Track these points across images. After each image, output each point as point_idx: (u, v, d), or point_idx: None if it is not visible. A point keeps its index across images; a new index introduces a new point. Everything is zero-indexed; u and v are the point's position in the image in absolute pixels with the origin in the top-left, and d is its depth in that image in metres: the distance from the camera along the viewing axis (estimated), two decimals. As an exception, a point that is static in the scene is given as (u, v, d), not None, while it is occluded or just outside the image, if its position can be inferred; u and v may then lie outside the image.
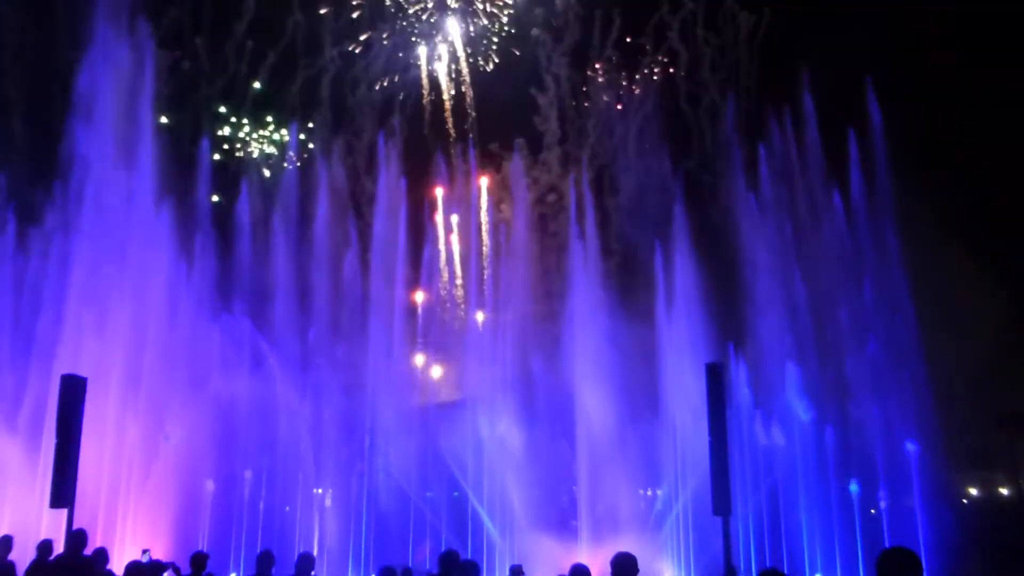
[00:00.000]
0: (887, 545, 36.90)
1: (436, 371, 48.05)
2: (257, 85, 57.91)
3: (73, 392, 23.19)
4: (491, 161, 58.33)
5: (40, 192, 37.00)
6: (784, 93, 45.04)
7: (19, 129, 49.67)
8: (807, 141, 43.75)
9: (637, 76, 58.63)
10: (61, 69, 43.91)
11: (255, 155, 58.67)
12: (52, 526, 23.63)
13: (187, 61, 56.07)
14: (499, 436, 37.11)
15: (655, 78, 58.91)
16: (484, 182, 57.44)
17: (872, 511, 38.33)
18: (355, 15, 59.85)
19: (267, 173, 55.68)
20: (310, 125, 58.45)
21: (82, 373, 24.50)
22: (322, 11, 58.82)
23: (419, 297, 48.99)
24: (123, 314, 32.61)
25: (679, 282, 40.05)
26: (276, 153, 59.03)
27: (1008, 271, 44.53)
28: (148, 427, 31.91)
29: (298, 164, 52.81)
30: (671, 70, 59.04)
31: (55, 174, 36.19)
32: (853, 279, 40.92)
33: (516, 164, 50.43)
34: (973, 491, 54.21)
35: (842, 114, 43.67)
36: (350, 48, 60.36)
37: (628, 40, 59.55)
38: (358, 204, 49.78)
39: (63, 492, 22.45)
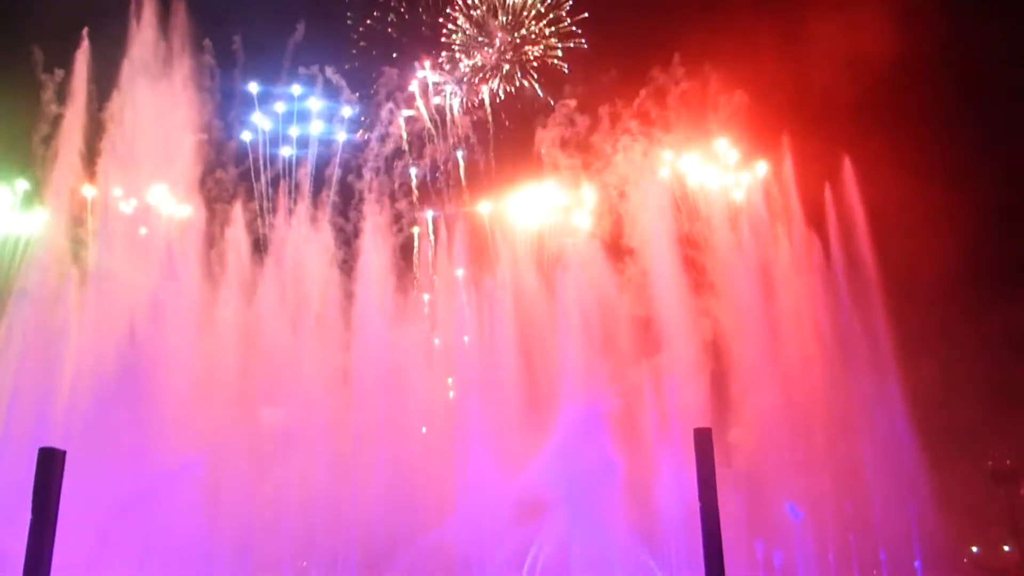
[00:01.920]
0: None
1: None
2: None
3: (51, 466, 21.51)
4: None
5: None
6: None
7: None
8: (791, 217, 43.31)
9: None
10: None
11: None
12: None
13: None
14: None
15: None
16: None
17: (873, 573, 36.51)
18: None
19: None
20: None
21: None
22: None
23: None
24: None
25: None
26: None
27: (994, 325, 43.10)
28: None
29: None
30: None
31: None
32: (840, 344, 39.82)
33: None
34: (974, 549, 51.58)
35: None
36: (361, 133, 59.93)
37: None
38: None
39: (38, 573, 20.66)
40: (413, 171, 58.80)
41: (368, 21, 61.57)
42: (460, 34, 62.78)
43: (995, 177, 47.30)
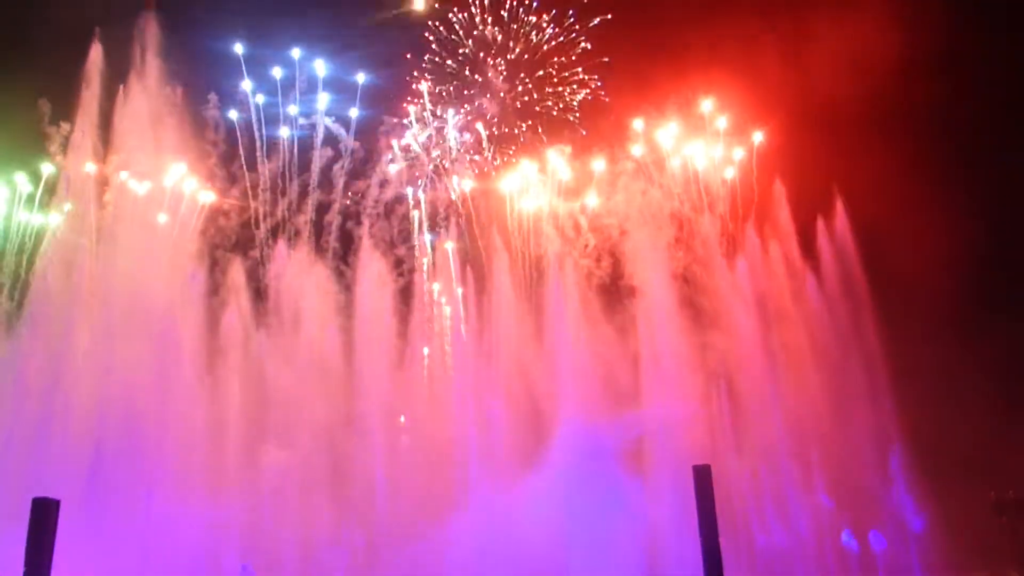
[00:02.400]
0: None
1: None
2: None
3: (44, 516, 21.04)
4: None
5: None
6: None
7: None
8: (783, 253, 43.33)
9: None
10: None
11: None
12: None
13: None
14: None
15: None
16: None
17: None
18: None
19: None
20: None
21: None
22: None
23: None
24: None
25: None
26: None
27: (994, 351, 42.56)
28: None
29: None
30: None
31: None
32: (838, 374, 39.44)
33: None
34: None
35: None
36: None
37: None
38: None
39: (30, 625, 20.08)
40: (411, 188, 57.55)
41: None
42: (448, 83, 59.89)
43: (995, 195, 46.94)
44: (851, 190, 44.42)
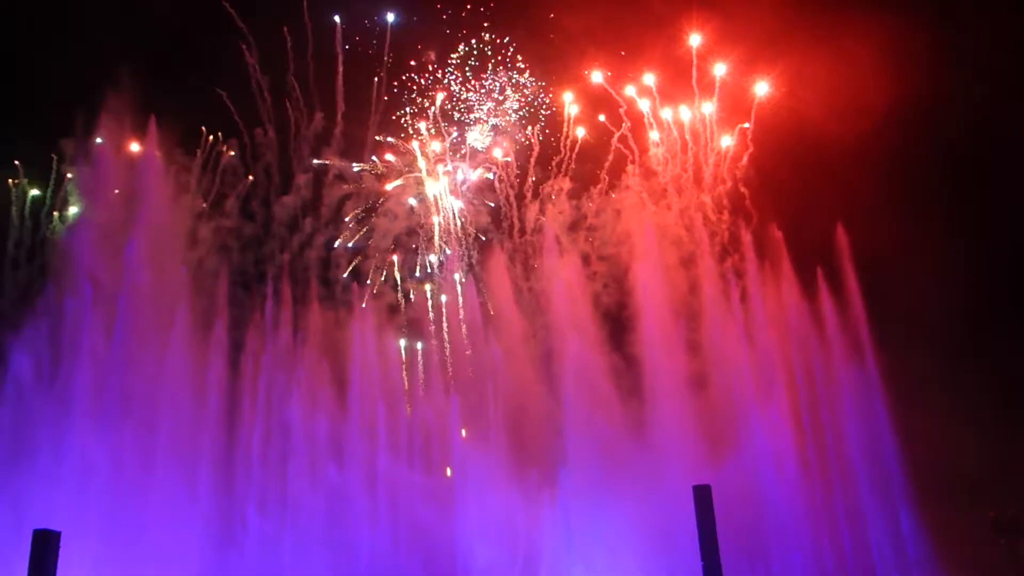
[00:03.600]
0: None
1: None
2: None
3: (45, 548, 20.50)
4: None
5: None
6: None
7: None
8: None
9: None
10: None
11: None
12: None
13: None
14: None
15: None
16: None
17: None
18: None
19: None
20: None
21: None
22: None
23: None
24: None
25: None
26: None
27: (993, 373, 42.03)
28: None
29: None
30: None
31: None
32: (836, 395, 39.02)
33: None
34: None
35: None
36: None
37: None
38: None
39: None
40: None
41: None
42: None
43: (995, 221, 46.66)
44: (848, 212, 44.00)
